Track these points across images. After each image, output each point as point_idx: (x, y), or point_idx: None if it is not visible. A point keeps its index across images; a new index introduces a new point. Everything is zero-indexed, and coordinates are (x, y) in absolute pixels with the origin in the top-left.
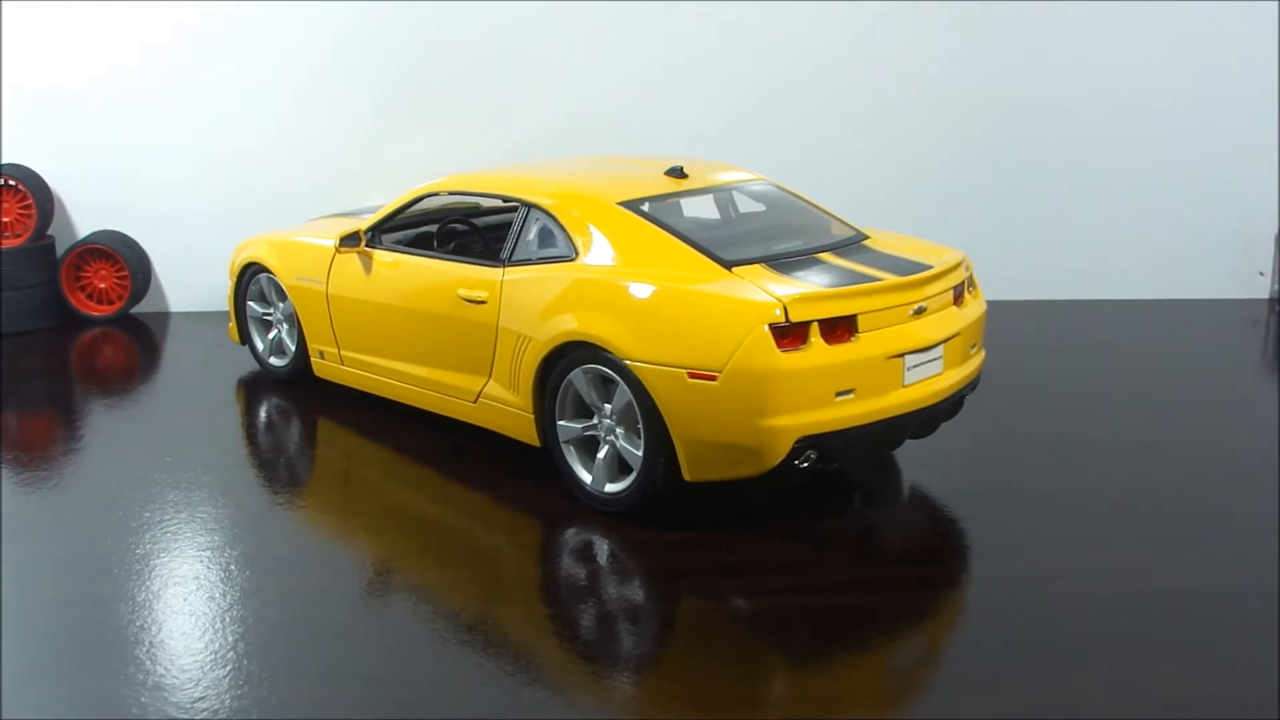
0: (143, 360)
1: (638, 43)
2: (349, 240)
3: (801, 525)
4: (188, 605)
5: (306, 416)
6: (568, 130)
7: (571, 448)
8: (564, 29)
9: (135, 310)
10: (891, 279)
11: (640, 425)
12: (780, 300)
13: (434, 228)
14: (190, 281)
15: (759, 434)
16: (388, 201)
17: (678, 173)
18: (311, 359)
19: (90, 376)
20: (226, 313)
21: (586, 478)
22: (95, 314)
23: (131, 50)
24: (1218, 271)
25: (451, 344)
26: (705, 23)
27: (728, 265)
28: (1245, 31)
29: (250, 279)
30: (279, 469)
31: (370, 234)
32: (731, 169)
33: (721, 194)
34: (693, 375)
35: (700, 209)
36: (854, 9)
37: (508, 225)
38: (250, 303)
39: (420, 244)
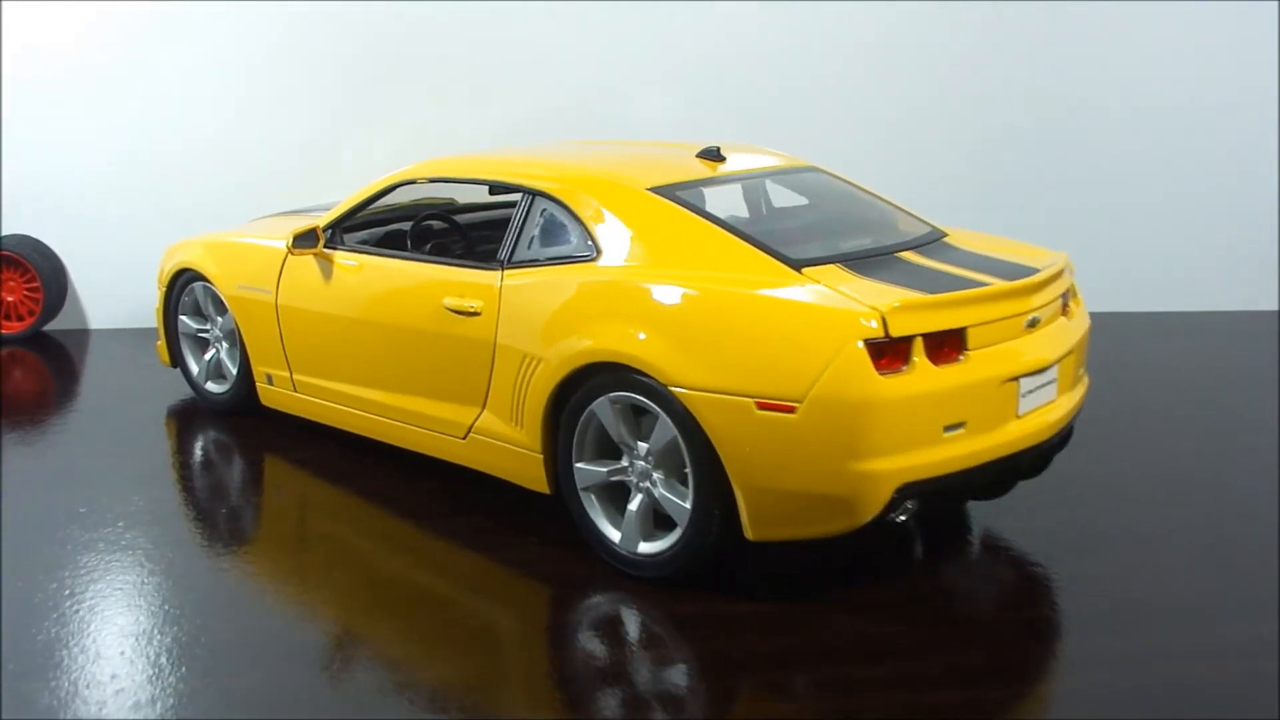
0: (56, 386)
1: (624, 25)
2: (304, 240)
3: (877, 592)
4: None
5: (252, 455)
6: (546, 120)
7: (593, 497)
8: (541, 9)
9: (49, 327)
10: (1000, 284)
11: (688, 469)
12: (876, 309)
13: (407, 224)
14: (113, 293)
15: (851, 481)
16: (348, 197)
17: (713, 154)
18: (257, 384)
19: None
20: (155, 329)
21: (613, 535)
22: (1, 331)
23: (45, 34)
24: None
25: (435, 366)
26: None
27: (796, 265)
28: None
29: (183, 289)
30: (219, 523)
31: (330, 232)
32: (770, 153)
33: (765, 181)
34: (763, 406)
35: (740, 200)
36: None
37: (501, 221)
38: (183, 317)
39: (391, 244)
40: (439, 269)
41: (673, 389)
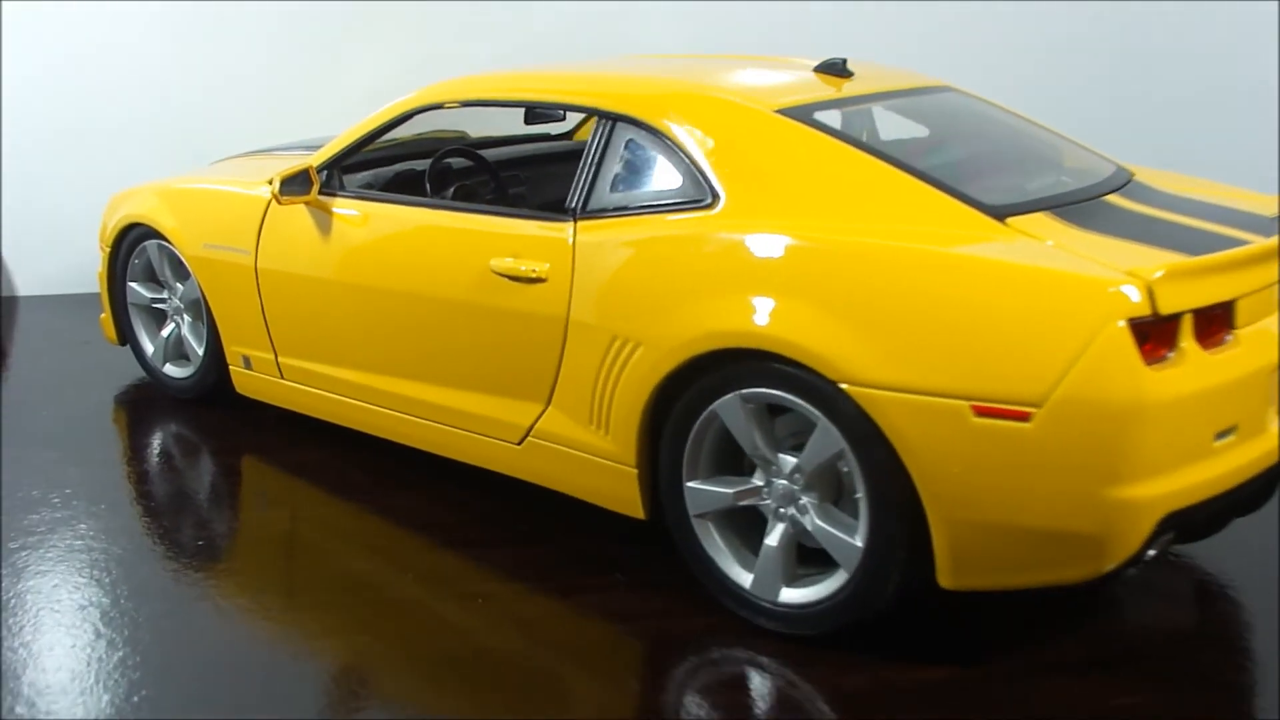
0: None
1: None
2: (294, 184)
3: (1077, 648)
4: None
5: (227, 457)
6: (552, 44)
7: (711, 526)
8: None
9: None
10: (1261, 241)
11: (859, 494)
12: (1138, 275)
13: (421, 163)
14: (44, 252)
15: (1105, 512)
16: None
17: (838, 69)
18: (231, 368)
19: None
20: (99, 297)
21: (742, 577)
22: None
23: None
24: None
25: (478, 348)
26: None
27: (998, 214)
28: None
29: (132, 249)
30: (185, 540)
31: (326, 174)
32: (890, 69)
33: (903, 103)
34: (983, 411)
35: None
36: None
37: (544, 159)
38: (133, 284)
39: (402, 188)
40: (484, 220)
41: (844, 386)
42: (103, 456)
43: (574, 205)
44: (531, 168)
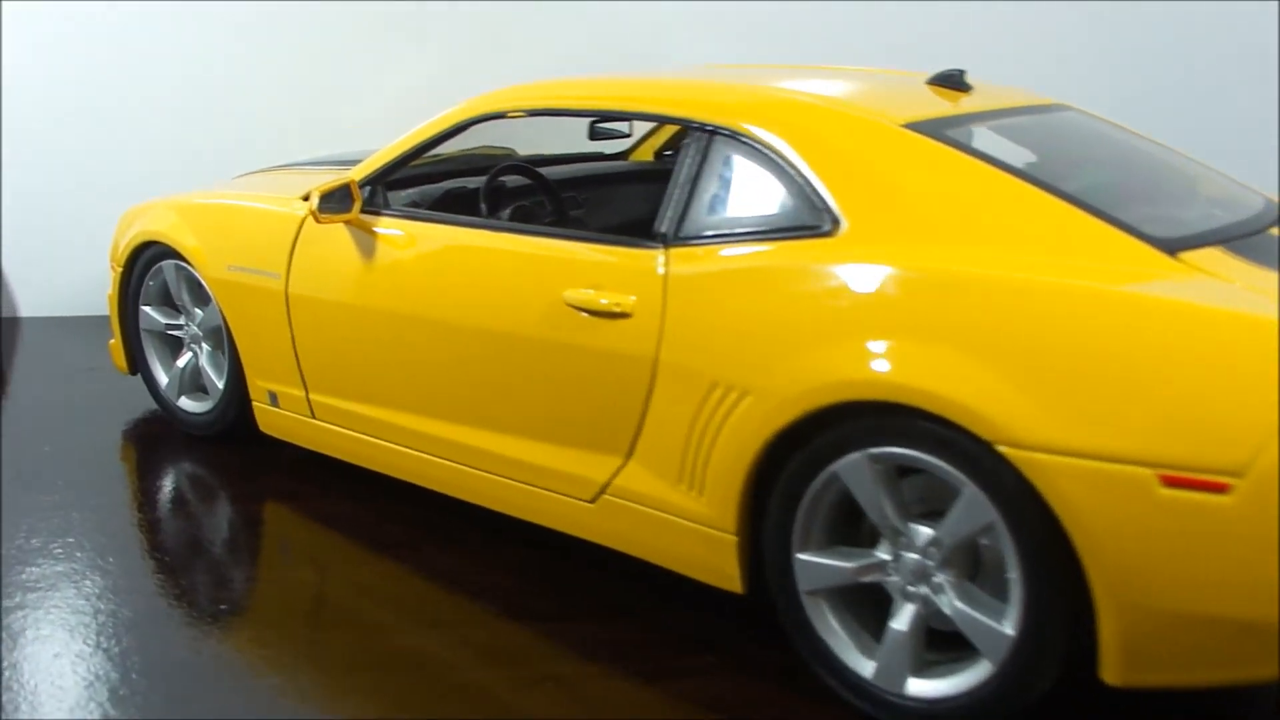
0: None
1: None
2: (334, 201)
3: None
4: None
5: (247, 504)
6: (593, 55)
7: (824, 605)
8: None
9: None
10: None
11: (1014, 573)
12: None
13: (473, 180)
14: (49, 272)
15: None
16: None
17: (956, 81)
18: (254, 404)
19: None
20: (108, 321)
21: (863, 665)
22: None
23: None
24: None
25: (547, 391)
26: None
27: (1169, 248)
28: None
29: (147, 270)
30: (204, 603)
31: (369, 190)
32: (1000, 85)
33: (1025, 120)
34: (1172, 481)
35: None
36: None
37: (612, 179)
38: (146, 308)
39: (455, 208)
40: (556, 246)
41: (1001, 448)
42: (110, 500)
43: (665, 230)
44: (589, 189)
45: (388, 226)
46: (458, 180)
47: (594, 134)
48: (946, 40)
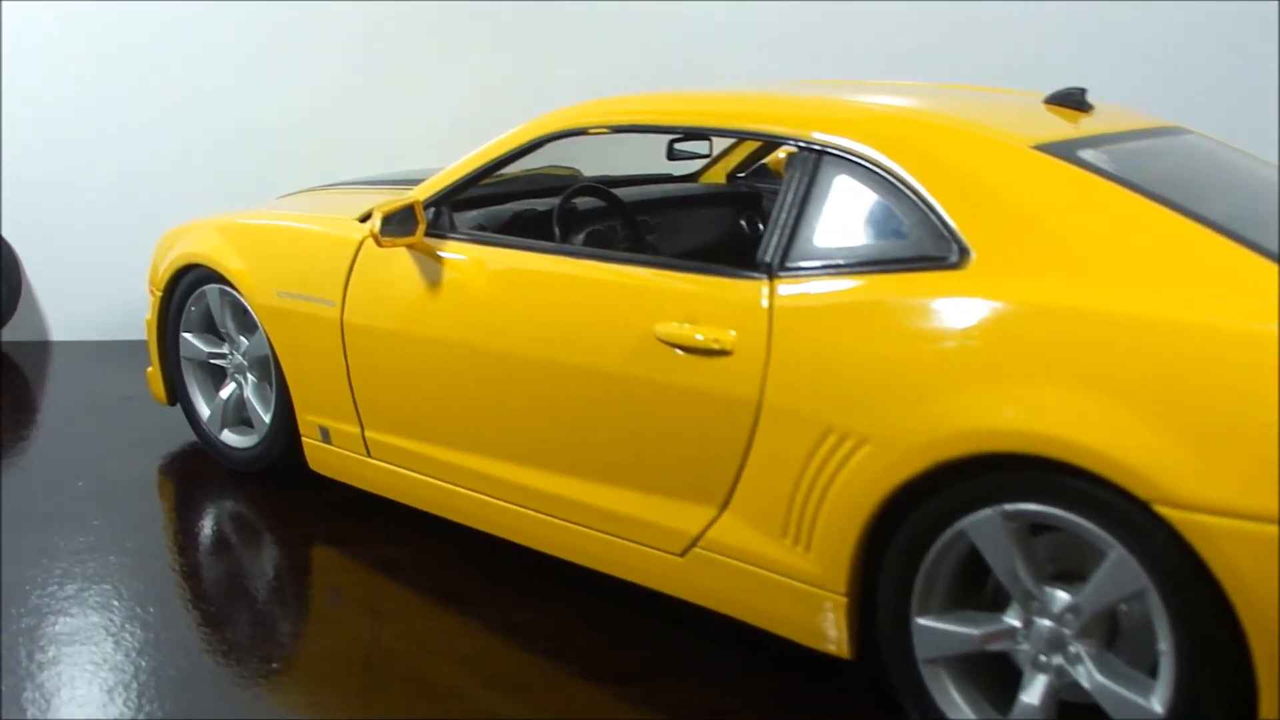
0: (5, 424)
1: None
2: (398, 223)
3: None
4: None
5: (295, 547)
6: (635, 76)
7: (944, 674)
8: None
9: None
10: None
11: (1166, 645)
12: None
13: (542, 202)
14: (82, 294)
15: None
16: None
17: (1076, 100)
18: (304, 440)
19: None
20: (146, 348)
21: None
22: None
23: None
24: None
25: (633, 433)
26: None
27: None
28: None
29: (188, 294)
30: (253, 661)
31: (434, 211)
32: (1117, 106)
33: (1150, 144)
34: None
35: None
36: None
37: (687, 204)
38: (187, 335)
39: (525, 233)
40: (646, 275)
41: (1159, 508)
42: (149, 542)
43: (769, 258)
44: (660, 212)
45: (455, 251)
46: (524, 201)
47: (672, 154)
48: (988, 44)
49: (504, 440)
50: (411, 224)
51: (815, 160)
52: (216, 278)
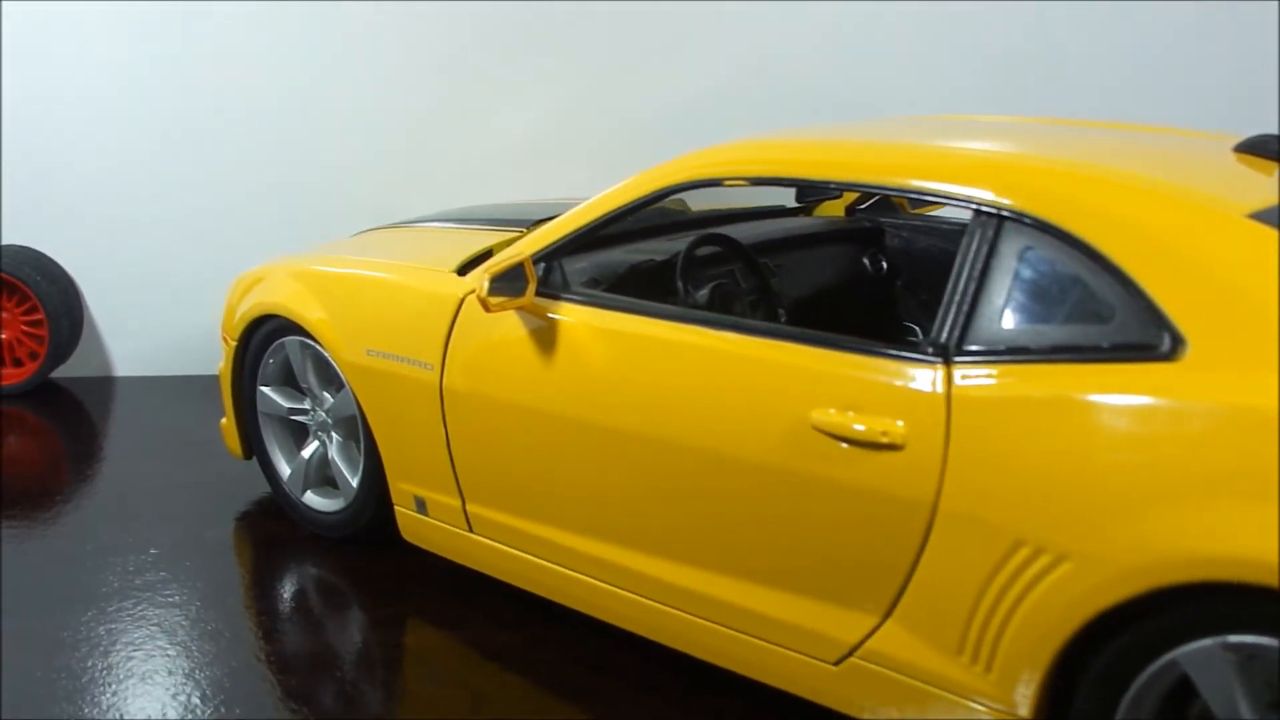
0: (69, 470)
1: None
2: (507, 282)
3: None
4: None
5: (388, 627)
6: (723, 98)
7: None
8: None
9: (58, 374)
10: None
11: None
12: None
13: (660, 251)
14: (147, 327)
15: None
16: (577, 208)
17: (1269, 148)
18: (396, 509)
19: None
20: (219, 390)
21: None
22: None
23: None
24: None
25: (781, 530)
26: None
27: None
28: None
29: (266, 344)
30: None
31: (544, 267)
32: None
33: None
34: None
35: None
36: None
37: (824, 240)
38: (265, 389)
39: (641, 288)
40: (797, 352)
41: None
42: (223, 603)
43: (944, 339)
44: (780, 253)
45: (570, 314)
46: (634, 247)
47: (804, 195)
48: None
49: (628, 526)
50: (521, 282)
51: (995, 227)
52: (297, 329)
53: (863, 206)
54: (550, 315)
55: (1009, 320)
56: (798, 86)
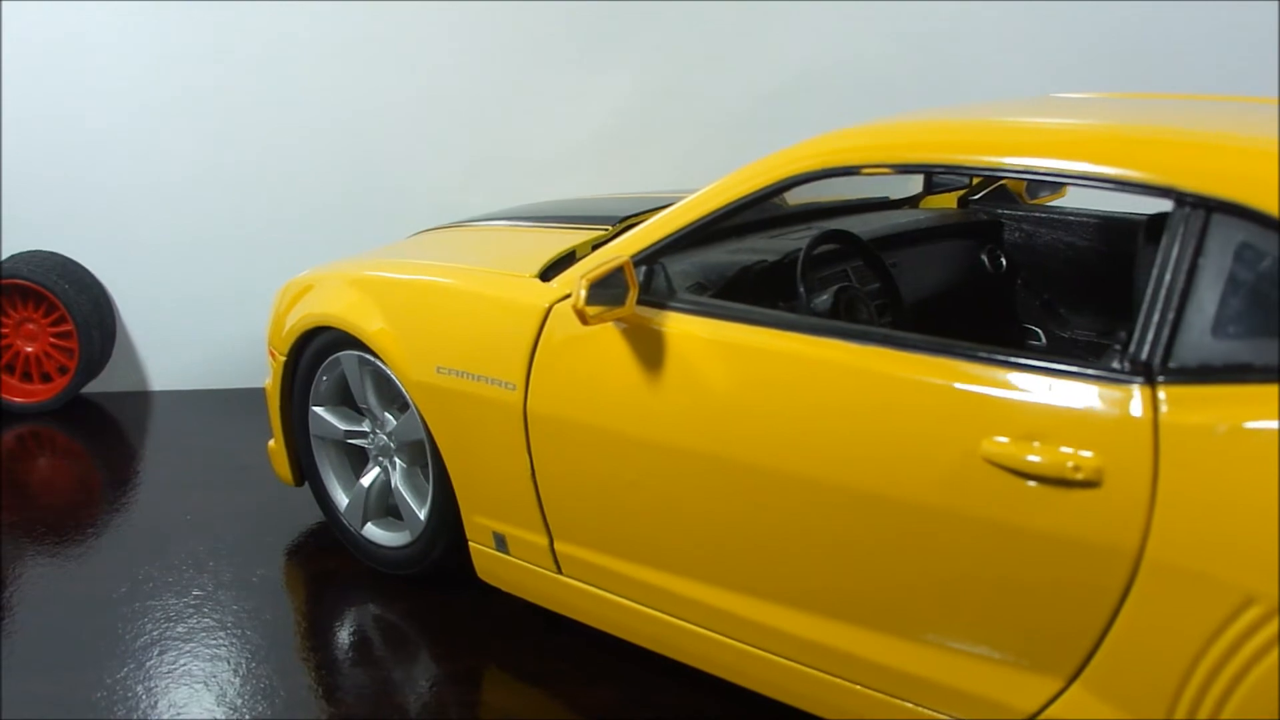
0: (102, 498)
1: None
2: (606, 289)
3: None
4: None
5: (462, 683)
6: (799, 90)
7: None
8: None
9: (88, 390)
10: None
11: None
12: None
13: (770, 251)
14: (184, 339)
15: None
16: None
17: None
18: (471, 545)
19: None
20: (265, 408)
21: None
22: (17, 400)
23: None
24: None
25: (948, 582)
26: None
27: None
28: None
29: (319, 360)
30: None
31: (645, 270)
32: None
33: None
34: None
35: None
36: None
37: (939, 234)
38: (319, 409)
39: (756, 290)
40: (958, 370)
41: None
42: (276, 647)
43: (1144, 355)
44: (894, 250)
45: (679, 325)
46: (739, 247)
47: (932, 185)
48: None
49: (756, 572)
50: (619, 289)
51: (1203, 220)
52: (354, 343)
53: (977, 197)
54: (655, 327)
55: (1225, 332)
56: (872, 80)
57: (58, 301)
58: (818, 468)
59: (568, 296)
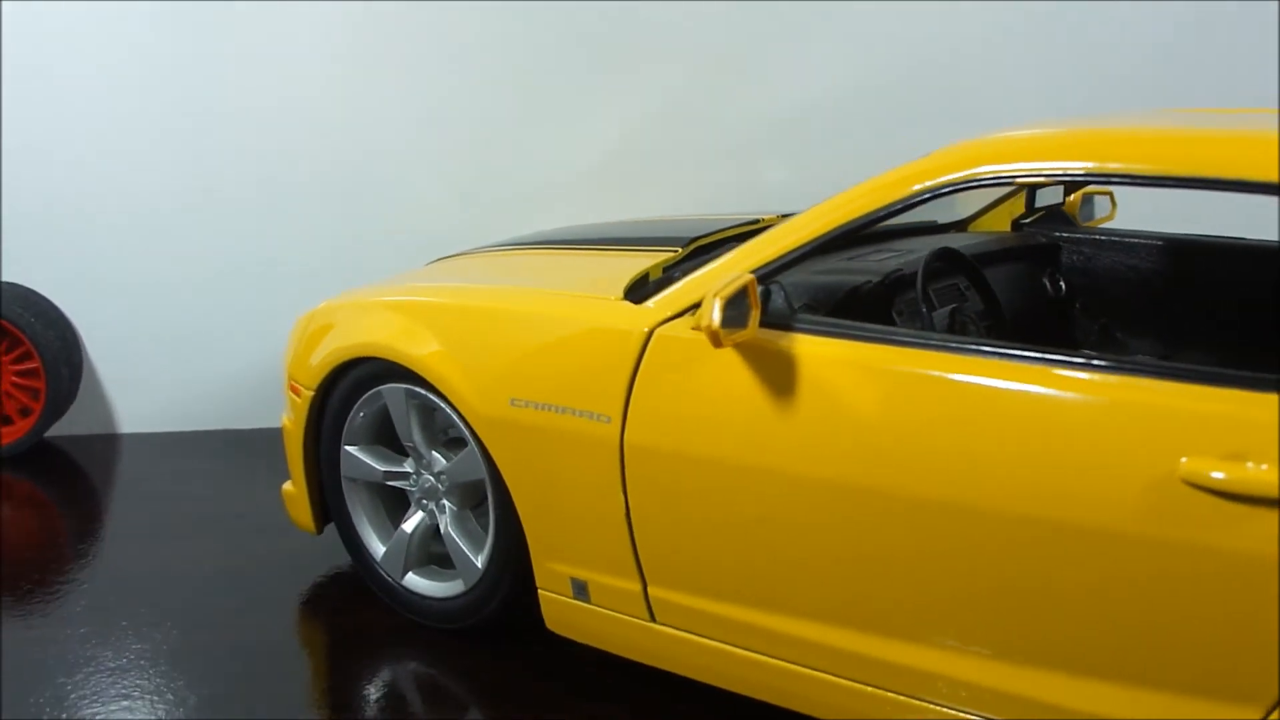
0: (70, 546)
1: None
2: (736, 309)
3: None
4: None
5: None
6: (840, 101)
7: None
8: None
9: (54, 432)
10: None
11: None
12: None
13: (875, 271)
14: (157, 377)
15: None
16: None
17: None
18: (541, 593)
19: None
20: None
21: None
22: None
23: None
24: None
25: (1139, 614)
26: None
27: None
28: None
29: (355, 395)
30: None
31: (763, 290)
32: None
33: None
34: None
35: None
36: None
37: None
38: (352, 449)
39: (863, 311)
40: (1142, 387)
41: None
42: None
43: None
44: (992, 267)
45: (808, 347)
46: (830, 269)
47: (1033, 207)
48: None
49: (908, 612)
50: (741, 310)
51: None
52: (399, 375)
53: (1028, 220)
54: (783, 349)
55: None
56: (886, 107)
57: (23, 336)
58: (986, 496)
59: (670, 319)
